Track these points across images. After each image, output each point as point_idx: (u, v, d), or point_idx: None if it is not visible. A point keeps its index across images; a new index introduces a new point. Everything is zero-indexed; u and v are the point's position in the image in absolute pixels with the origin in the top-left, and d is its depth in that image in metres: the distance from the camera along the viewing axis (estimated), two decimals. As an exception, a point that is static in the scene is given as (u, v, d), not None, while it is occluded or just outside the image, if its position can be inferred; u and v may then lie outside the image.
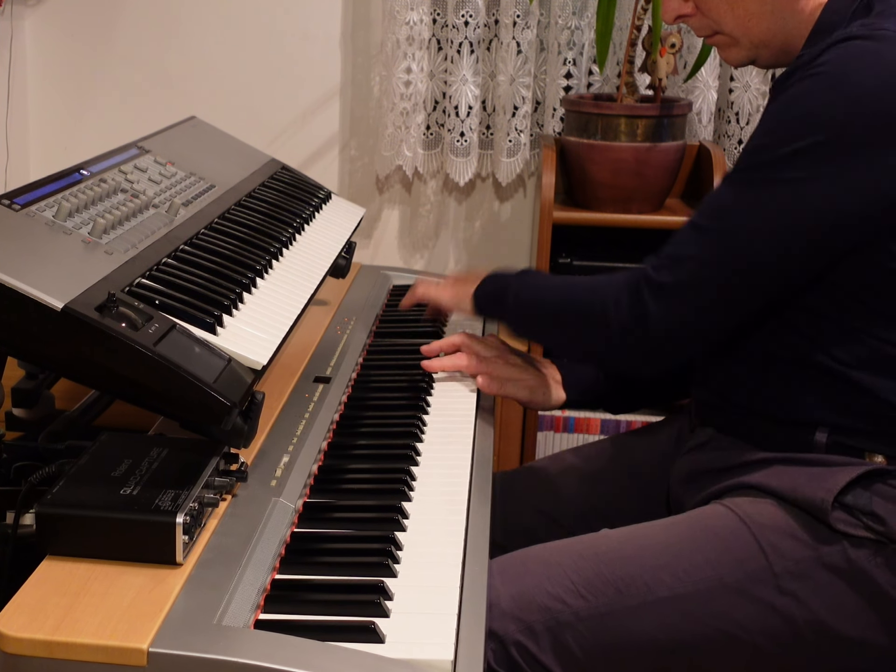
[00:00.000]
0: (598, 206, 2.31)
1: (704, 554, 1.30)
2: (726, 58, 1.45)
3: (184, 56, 2.64)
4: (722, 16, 1.38)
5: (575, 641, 1.26)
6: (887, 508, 1.27)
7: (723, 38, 1.42)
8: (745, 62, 1.44)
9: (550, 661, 1.26)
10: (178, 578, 1.00)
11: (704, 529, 1.33)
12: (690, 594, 1.28)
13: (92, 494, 1.04)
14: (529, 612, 1.26)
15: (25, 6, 2.62)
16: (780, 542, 1.29)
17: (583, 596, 1.28)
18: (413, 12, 2.46)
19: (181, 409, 1.11)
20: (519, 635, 1.25)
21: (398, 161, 2.56)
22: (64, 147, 2.69)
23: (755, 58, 1.42)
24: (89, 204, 1.30)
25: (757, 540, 1.29)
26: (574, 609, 1.27)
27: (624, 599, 1.28)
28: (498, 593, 1.27)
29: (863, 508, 1.27)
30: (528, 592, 1.27)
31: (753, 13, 1.36)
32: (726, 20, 1.38)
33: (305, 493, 1.23)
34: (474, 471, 1.34)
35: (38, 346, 1.10)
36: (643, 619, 1.27)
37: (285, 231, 1.56)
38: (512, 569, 1.31)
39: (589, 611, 1.27)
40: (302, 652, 0.92)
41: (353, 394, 1.52)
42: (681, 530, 1.34)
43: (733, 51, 1.42)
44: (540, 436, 2.39)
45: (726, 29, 1.39)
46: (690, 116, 2.43)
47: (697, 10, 1.40)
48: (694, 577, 1.28)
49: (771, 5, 1.35)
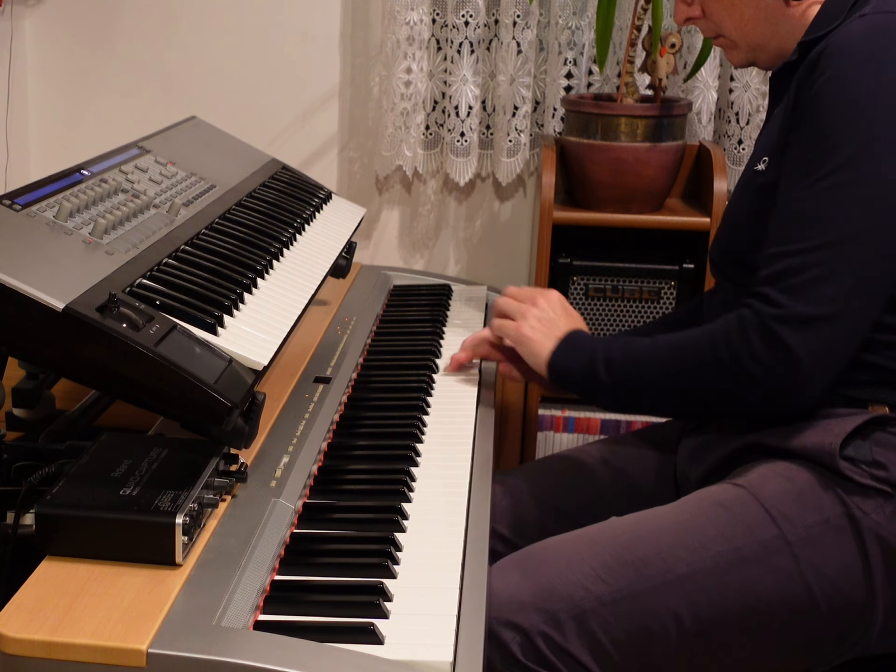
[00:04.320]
0: (598, 206, 2.30)
1: (717, 527, 1.31)
2: (729, 59, 1.55)
3: (184, 56, 2.64)
4: (722, 20, 1.48)
5: (600, 628, 1.27)
6: (888, 456, 1.30)
7: (724, 41, 1.52)
8: (746, 64, 1.53)
9: (577, 649, 1.26)
10: (177, 579, 1.00)
11: (713, 504, 1.34)
12: (709, 569, 1.29)
13: (92, 495, 1.04)
14: (552, 602, 1.27)
15: (25, 6, 2.62)
16: (787, 509, 1.31)
17: (604, 581, 1.28)
18: (413, 12, 2.46)
19: (182, 409, 1.11)
20: (544, 626, 1.26)
21: (398, 161, 2.56)
22: (64, 147, 2.68)
23: (754, 60, 1.51)
24: (90, 204, 1.30)
25: (766, 509, 1.31)
26: (596, 594, 1.28)
27: (644, 580, 1.28)
28: (518, 587, 1.27)
29: (864, 458, 1.30)
30: (548, 583, 1.28)
31: (749, 18, 1.45)
32: (725, 24, 1.48)
33: (305, 494, 1.23)
34: (474, 471, 1.34)
35: (39, 347, 1.10)
36: (665, 597, 1.28)
37: (286, 231, 1.56)
38: (530, 562, 1.31)
39: (611, 595, 1.28)
40: (301, 653, 0.92)
41: (354, 394, 1.52)
42: (690, 508, 1.36)
43: (734, 53, 1.52)
44: (540, 436, 2.39)
45: (726, 32, 1.49)
46: (690, 116, 2.43)
47: (704, 13, 1.50)
48: (711, 552, 1.30)
49: (764, 11, 1.44)
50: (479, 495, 1.28)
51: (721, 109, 2.53)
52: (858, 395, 1.34)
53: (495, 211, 2.68)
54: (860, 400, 1.34)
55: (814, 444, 1.32)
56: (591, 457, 1.67)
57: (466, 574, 1.11)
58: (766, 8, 1.44)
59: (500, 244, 2.69)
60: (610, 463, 1.65)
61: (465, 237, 2.70)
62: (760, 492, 1.33)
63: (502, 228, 2.69)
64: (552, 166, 2.25)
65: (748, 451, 1.39)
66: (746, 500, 1.33)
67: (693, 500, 1.38)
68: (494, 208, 2.68)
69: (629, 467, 1.64)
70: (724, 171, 2.24)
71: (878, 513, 1.30)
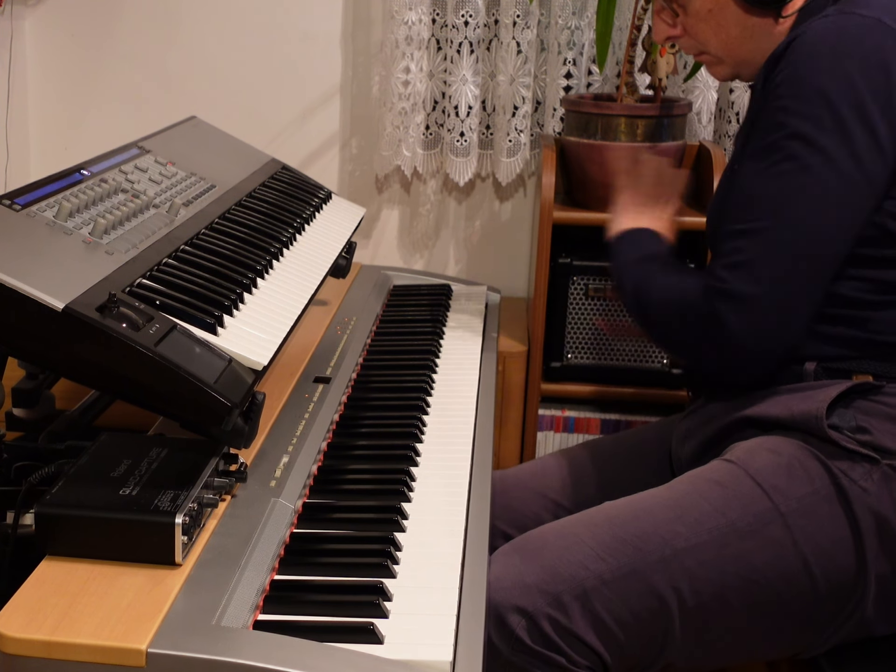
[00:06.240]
0: (598, 206, 2.30)
1: (711, 502, 1.34)
2: (713, 74, 1.58)
3: (184, 56, 2.64)
4: (707, 39, 1.50)
5: (603, 607, 1.29)
6: (870, 422, 1.34)
7: (709, 58, 1.54)
8: (731, 78, 1.57)
9: (582, 629, 1.28)
10: (177, 579, 1.00)
11: (707, 481, 1.37)
12: (706, 542, 1.31)
13: (91, 495, 1.04)
14: (555, 584, 1.28)
15: (25, 6, 2.62)
16: (778, 481, 1.33)
17: (603, 559, 1.30)
18: (412, 12, 2.46)
19: (182, 409, 1.11)
20: (548, 608, 1.27)
21: (397, 161, 2.56)
22: (64, 147, 2.69)
23: (739, 74, 1.55)
24: (90, 204, 1.30)
25: (758, 483, 1.34)
26: (597, 573, 1.29)
27: (643, 556, 1.30)
28: (520, 570, 1.29)
29: (847, 425, 1.34)
30: (550, 564, 1.30)
31: (735, 37, 1.48)
32: (711, 43, 1.50)
33: (305, 494, 1.23)
34: (474, 471, 1.34)
35: (39, 347, 1.10)
36: (665, 572, 1.30)
37: (286, 231, 1.56)
38: (530, 546, 1.33)
39: (612, 573, 1.30)
40: (301, 653, 0.92)
41: (353, 394, 1.52)
42: (683, 486, 1.38)
43: (719, 68, 1.55)
44: (540, 436, 2.39)
45: (711, 50, 1.52)
46: (690, 116, 2.43)
47: (685, 31, 1.52)
48: (707, 525, 1.32)
49: (750, 30, 1.47)
50: (478, 495, 1.28)
51: (721, 109, 2.53)
52: (843, 367, 1.38)
53: (495, 211, 2.69)
54: (845, 371, 1.38)
55: (801, 411, 1.35)
56: (592, 453, 1.68)
57: (466, 574, 1.11)
58: (752, 26, 1.46)
59: (500, 244, 2.69)
60: (611, 460, 1.66)
61: (465, 237, 2.70)
62: (750, 466, 1.35)
63: (502, 228, 2.69)
64: (552, 166, 2.25)
65: (737, 425, 1.43)
66: (738, 475, 1.35)
67: (685, 479, 1.40)
68: (494, 208, 2.68)
69: (630, 465, 1.64)
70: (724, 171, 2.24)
71: (865, 480, 1.32)
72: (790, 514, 1.32)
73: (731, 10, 1.45)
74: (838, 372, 1.38)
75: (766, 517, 1.32)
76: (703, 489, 1.36)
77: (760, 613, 1.33)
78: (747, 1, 1.44)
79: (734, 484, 1.35)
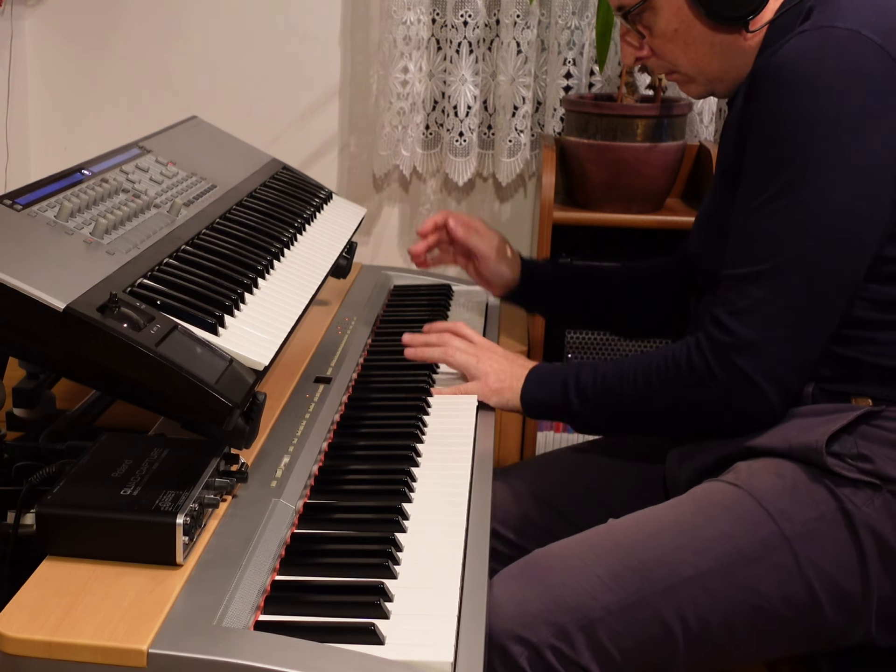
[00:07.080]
0: (598, 206, 2.31)
1: (718, 527, 1.31)
2: (686, 92, 1.55)
3: (184, 56, 2.64)
4: (677, 58, 1.47)
5: (608, 637, 1.26)
6: (872, 448, 1.31)
7: (680, 77, 1.52)
8: (705, 95, 1.55)
9: (587, 660, 1.25)
10: (178, 579, 1.00)
11: (711, 505, 1.34)
12: (713, 569, 1.29)
13: (92, 495, 1.04)
14: (560, 614, 1.25)
15: (25, 6, 2.62)
16: (783, 505, 1.31)
17: (610, 588, 1.27)
18: (410, 12, 2.46)
19: (182, 409, 1.11)
20: (553, 639, 1.24)
21: (395, 160, 2.56)
22: (64, 147, 2.69)
23: (713, 91, 1.52)
24: (91, 204, 1.30)
25: (763, 507, 1.32)
26: (604, 603, 1.27)
27: (651, 585, 1.28)
28: (524, 598, 1.26)
29: (849, 452, 1.31)
30: (555, 593, 1.27)
31: (704, 55, 1.45)
32: (681, 62, 1.48)
33: (306, 494, 1.23)
34: (474, 471, 1.34)
35: (40, 347, 1.10)
36: (671, 601, 1.28)
37: (286, 231, 1.56)
38: (534, 571, 1.30)
39: (619, 603, 1.27)
40: (302, 653, 0.92)
41: (354, 394, 1.52)
42: (688, 509, 1.36)
43: (692, 86, 1.52)
44: (540, 436, 2.39)
45: (682, 69, 1.49)
46: (691, 116, 2.43)
47: (653, 52, 1.49)
48: (714, 552, 1.30)
49: (719, 47, 1.44)
50: (479, 495, 1.28)
51: (722, 109, 2.53)
52: (841, 389, 1.36)
53: (495, 211, 2.69)
54: (843, 394, 1.36)
55: (799, 443, 1.33)
56: (591, 454, 1.68)
57: (467, 574, 1.11)
58: (720, 43, 1.43)
59: (501, 244, 2.68)
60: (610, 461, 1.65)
61: (465, 237, 2.69)
62: (755, 489, 1.33)
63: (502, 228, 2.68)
64: (552, 166, 2.25)
65: (737, 454, 1.39)
66: (743, 499, 1.33)
67: (689, 500, 1.37)
68: (495, 208, 2.68)
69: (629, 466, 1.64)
70: (724, 171, 2.24)
71: (868, 505, 1.30)
72: (795, 539, 1.30)
73: (697, 29, 1.42)
74: (837, 395, 1.35)
75: (771, 542, 1.30)
76: (709, 513, 1.33)
77: (765, 638, 1.32)
78: (712, 18, 1.40)
79: (740, 508, 1.32)
